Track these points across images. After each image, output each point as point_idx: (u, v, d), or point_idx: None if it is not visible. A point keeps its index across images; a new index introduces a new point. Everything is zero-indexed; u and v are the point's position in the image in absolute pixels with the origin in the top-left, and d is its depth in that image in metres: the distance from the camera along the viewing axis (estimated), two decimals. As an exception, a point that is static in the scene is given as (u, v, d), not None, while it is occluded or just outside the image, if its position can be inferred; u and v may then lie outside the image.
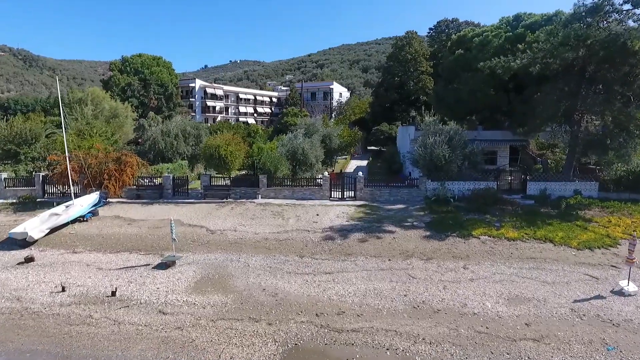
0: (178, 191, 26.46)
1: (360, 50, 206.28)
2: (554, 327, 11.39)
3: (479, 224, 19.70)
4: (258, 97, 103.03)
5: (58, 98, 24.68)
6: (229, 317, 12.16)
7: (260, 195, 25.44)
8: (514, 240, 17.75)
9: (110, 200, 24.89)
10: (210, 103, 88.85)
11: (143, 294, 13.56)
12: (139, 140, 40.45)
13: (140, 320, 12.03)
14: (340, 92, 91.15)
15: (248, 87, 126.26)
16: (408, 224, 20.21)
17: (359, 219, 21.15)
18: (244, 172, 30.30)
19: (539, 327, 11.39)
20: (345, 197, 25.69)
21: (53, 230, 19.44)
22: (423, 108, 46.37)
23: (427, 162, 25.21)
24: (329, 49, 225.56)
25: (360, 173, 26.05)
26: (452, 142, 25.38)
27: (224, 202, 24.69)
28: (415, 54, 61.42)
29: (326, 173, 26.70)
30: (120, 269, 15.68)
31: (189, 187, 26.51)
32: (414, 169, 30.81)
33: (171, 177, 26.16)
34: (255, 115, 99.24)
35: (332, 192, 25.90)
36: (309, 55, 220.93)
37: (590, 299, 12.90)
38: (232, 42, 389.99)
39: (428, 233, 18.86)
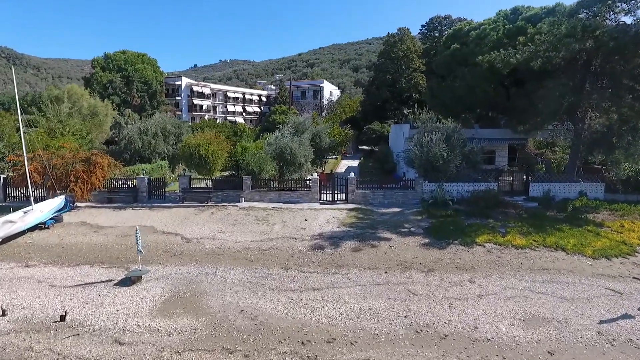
0: (154, 194, 24.34)
1: (350, 49, 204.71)
2: (582, 355, 9.66)
3: (483, 229, 18.00)
4: (247, 96, 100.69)
5: (15, 92, 22.32)
6: (199, 347, 10.20)
7: (243, 199, 23.44)
8: (522, 249, 16.07)
9: (79, 204, 22.68)
10: (197, 102, 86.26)
11: (99, 318, 11.50)
12: (116, 139, 38.06)
13: (90, 353, 9.99)
14: (330, 91, 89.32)
15: (238, 86, 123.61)
16: (405, 230, 18.43)
17: (351, 224, 19.31)
18: (227, 174, 28.25)
19: (564, 356, 9.66)
20: (336, 199, 23.85)
21: (6, 239, 17.21)
22: (416, 106, 44.91)
23: (424, 162, 23.51)
24: (320, 48, 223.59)
25: (352, 174, 24.26)
26: (451, 141, 23.71)
27: (204, 206, 22.65)
28: (408, 51, 59.91)
29: (315, 174, 24.84)
30: (76, 285, 13.57)
31: (166, 190, 24.39)
32: (409, 169, 29.12)
33: (146, 179, 23.99)
34: (244, 114, 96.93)
35: (322, 195, 24.04)
36: (300, 55, 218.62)
37: (617, 318, 11.23)
38: (222, 41, 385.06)
39: (427, 240, 17.08)
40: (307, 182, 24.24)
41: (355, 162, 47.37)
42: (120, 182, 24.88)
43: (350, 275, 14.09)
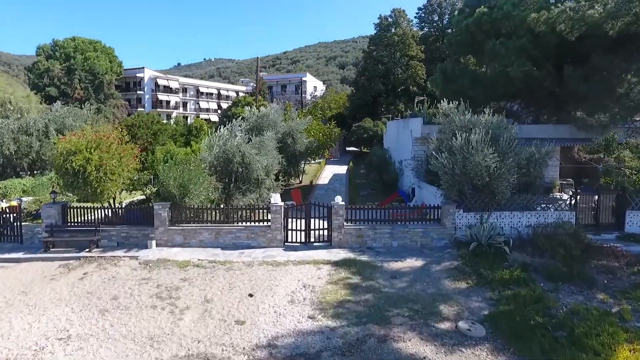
0: (5, 234, 14.49)
1: (337, 47, 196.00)
2: None
3: (606, 325, 8.73)
4: (222, 92, 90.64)
5: None
6: None
7: (154, 242, 13.77)
8: None
9: None
10: (162, 97, 75.67)
11: None
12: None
13: None
14: (315, 86, 79.74)
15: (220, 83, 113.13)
16: (446, 326, 9.03)
17: (337, 308, 9.83)
18: (141, 197, 18.46)
19: None
20: (312, 241, 14.42)
21: None
22: (415, 100, 35.75)
23: (458, 178, 14.24)
24: (305, 46, 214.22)
25: (338, 198, 14.77)
26: (499, 143, 14.52)
27: (80, 258, 12.93)
28: (404, 36, 50.87)
29: (278, 197, 15.29)
30: None
31: (21, 226, 14.50)
32: (422, 183, 19.89)
33: (-15, 210, 14.14)
34: (219, 111, 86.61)
35: (290, 233, 14.55)
36: (284, 53, 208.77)
37: None
38: (206, 41, 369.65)
39: (507, 366, 7.74)
40: (266, 211, 14.67)
41: (344, 169, 38.03)
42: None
43: None
